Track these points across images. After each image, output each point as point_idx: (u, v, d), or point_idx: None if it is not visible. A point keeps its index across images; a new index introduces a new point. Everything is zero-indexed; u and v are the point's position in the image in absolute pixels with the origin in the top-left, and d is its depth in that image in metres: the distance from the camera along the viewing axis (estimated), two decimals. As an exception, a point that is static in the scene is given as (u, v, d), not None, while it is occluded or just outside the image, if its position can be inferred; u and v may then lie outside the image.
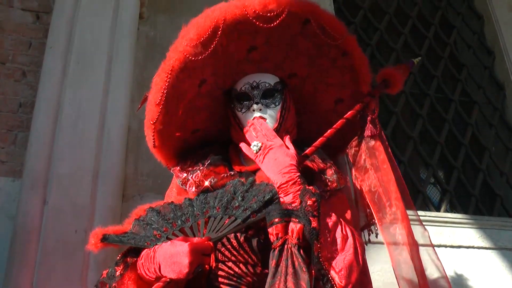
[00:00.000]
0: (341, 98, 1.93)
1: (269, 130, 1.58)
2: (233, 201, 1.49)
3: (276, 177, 1.43)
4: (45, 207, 2.49)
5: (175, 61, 1.62)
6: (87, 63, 2.86)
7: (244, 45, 1.72)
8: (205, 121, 1.89)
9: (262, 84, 1.78)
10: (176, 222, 1.51)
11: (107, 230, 1.59)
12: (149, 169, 2.89)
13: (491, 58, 4.46)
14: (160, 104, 1.67)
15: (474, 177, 3.84)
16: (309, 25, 1.70)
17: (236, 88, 1.82)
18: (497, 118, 4.19)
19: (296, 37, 1.74)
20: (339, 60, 1.82)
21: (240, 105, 1.79)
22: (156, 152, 1.89)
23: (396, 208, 1.68)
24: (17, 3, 3.19)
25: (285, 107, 1.80)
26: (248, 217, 1.42)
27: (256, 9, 1.60)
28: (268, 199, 1.44)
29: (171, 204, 1.61)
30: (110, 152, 2.72)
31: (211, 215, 1.48)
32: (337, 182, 1.68)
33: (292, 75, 1.86)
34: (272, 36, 1.70)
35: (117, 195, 2.69)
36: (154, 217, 1.56)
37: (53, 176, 2.55)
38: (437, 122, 3.99)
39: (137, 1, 3.14)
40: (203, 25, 1.60)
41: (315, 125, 1.91)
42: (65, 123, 2.68)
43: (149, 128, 1.78)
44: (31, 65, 3.06)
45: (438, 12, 4.51)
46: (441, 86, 4.13)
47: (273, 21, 1.62)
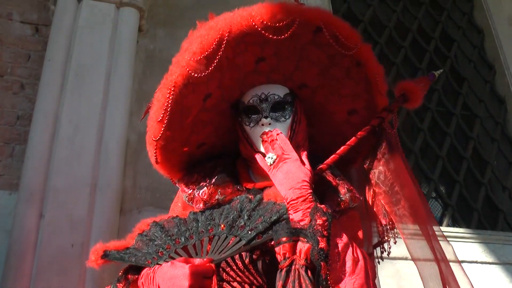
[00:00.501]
0: (355, 109, 1.79)
1: (287, 143, 1.48)
2: (239, 220, 1.43)
3: (287, 192, 1.35)
4: (41, 221, 2.46)
5: (178, 77, 1.53)
6: (85, 76, 2.84)
7: (251, 57, 1.61)
8: (211, 135, 1.78)
9: (271, 96, 1.67)
10: (180, 239, 1.46)
11: (108, 245, 1.52)
12: (147, 183, 2.86)
13: (492, 72, 4.46)
14: (163, 121, 1.57)
15: (476, 191, 3.80)
16: (321, 34, 1.57)
17: (243, 100, 1.70)
18: (499, 132, 4.18)
19: (307, 46, 1.63)
20: (352, 70, 1.69)
21: (248, 119, 1.67)
22: (159, 167, 1.78)
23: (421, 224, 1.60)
24: (16, 16, 3.18)
25: (296, 120, 1.70)
26: (253, 238, 1.36)
27: (264, 19, 1.49)
28: (274, 220, 1.37)
29: (176, 218, 1.55)
30: (108, 165, 2.70)
31: (215, 234, 1.42)
32: (349, 201, 1.57)
33: (303, 86, 1.74)
34: (281, 46, 1.59)
35: (115, 209, 2.66)
36: (158, 232, 1.50)
37: (49, 189, 2.52)
38: (438, 136, 3.97)
39: (136, 14, 3.13)
40: (207, 38, 1.50)
41: (327, 136, 1.84)
42: (63, 136, 2.66)
43: (151, 144, 1.68)
44: (29, 78, 3.05)
45: (438, 26, 4.51)
46: (442, 99, 4.12)
47: (283, 32, 1.51)
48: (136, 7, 3.11)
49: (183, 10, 3.43)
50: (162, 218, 1.57)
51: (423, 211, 1.64)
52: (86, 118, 2.74)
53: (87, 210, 2.52)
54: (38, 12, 3.24)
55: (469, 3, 4.79)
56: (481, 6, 4.71)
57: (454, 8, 4.73)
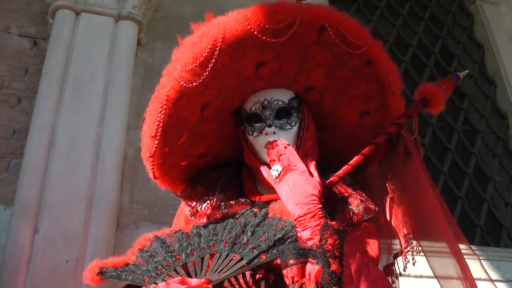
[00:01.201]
0: (367, 111, 1.65)
1: (294, 154, 1.35)
2: (242, 236, 1.34)
3: (294, 208, 1.24)
4: (36, 236, 2.41)
5: (170, 90, 1.41)
6: (83, 89, 2.81)
7: (250, 62, 1.48)
8: (212, 145, 1.66)
9: (275, 102, 1.54)
10: (180, 256, 1.39)
11: (106, 262, 1.43)
12: (145, 198, 2.82)
13: (493, 87, 4.44)
14: (156, 136, 1.46)
15: (478, 207, 3.76)
16: (326, 33, 1.44)
17: (245, 108, 1.58)
18: (501, 147, 4.14)
19: (311, 47, 1.49)
20: (362, 69, 1.55)
21: (251, 128, 1.55)
22: (158, 182, 1.67)
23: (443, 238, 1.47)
24: (14, 29, 3.16)
25: (303, 126, 1.56)
26: (255, 257, 1.27)
27: (261, 22, 1.36)
28: (278, 238, 1.28)
29: (178, 232, 1.47)
30: (105, 179, 2.65)
31: (217, 251, 1.34)
32: (363, 213, 1.45)
33: (310, 89, 1.60)
34: (283, 48, 1.46)
35: (111, 224, 2.61)
36: (158, 248, 1.43)
37: (44, 204, 2.48)
38: (440, 151, 3.92)
39: (135, 27, 3.11)
40: (199, 46, 1.38)
41: (339, 141, 1.72)
42: (59, 149, 2.62)
43: (147, 160, 1.56)
44: (27, 91, 3.02)
45: (439, 41, 4.49)
46: (443, 114, 4.08)
47: (283, 34, 1.38)
48: (134, 21, 3.09)
49: (183, 24, 3.39)
50: (165, 232, 1.50)
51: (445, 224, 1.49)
52: (83, 131, 2.70)
53: (83, 225, 2.48)
54: (36, 26, 3.22)
55: (469, 18, 4.79)
56: (481, 21, 4.71)
57: (454, 23, 4.73)
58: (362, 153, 1.46)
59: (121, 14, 3.05)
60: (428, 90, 1.56)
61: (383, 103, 1.61)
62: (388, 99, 1.59)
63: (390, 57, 2.25)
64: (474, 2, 4.80)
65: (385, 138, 1.51)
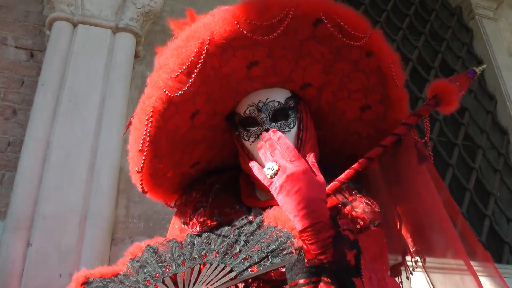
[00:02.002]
0: (368, 105, 1.53)
1: (290, 148, 1.20)
2: (235, 245, 1.26)
3: (297, 216, 1.10)
4: (29, 250, 2.35)
5: (157, 101, 1.30)
6: (79, 101, 2.77)
7: (242, 62, 1.36)
8: (205, 153, 1.55)
9: (271, 104, 1.42)
10: (171, 266, 1.32)
11: (94, 272, 1.32)
12: (140, 212, 2.77)
13: (493, 103, 4.41)
14: (143, 150, 1.35)
15: (480, 223, 3.71)
16: (322, 26, 1.32)
17: (238, 112, 1.46)
18: (501, 163, 4.10)
19: (307, 41, 1.37)
20: (362, 61, 1.43)
21: (247, 133, 1.44)
22: (149, 196, 1.57)
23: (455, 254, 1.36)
24: (11, 41, 3.13)
25: (302, 127, 1.45)
26: (245, 270, 1.18)
27: (251, 19, 1.25)
28: (272, 249, 1.16)
29: (172, 241, 1.39)
30: (100, 193, 2.60)
31: (207, 261, 1.26)
32: (369, 219, 1.35)
33: (306, 86, 1.49)
34: (276, 46, 1.35)
35: (106, 238, 2.55)
36: (150, 258, 1.38)
37: (38, 217, 2.42)
38: (440, 167, 3.88)
39: (133, 39, 3.08)
40: (185, 51, 1.27)
41: (340, 137, 1.61)
42: (54, 162, 2.57)
43: (135, 175, 1.45)
44: (22, 103, 2.98)
45: (438, 56, 4.48)
46: (443, 129, 4.05)
47: (276, 29, 1.27)
48: (132, 33, 3.06)
49: (181, 37, 3.37)
50: (158, 241, 1.44)
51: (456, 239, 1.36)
52: (78, 144, 2.66)
53: (77, 239, 2.42)
54: (33, 38, 3.20)
55: (468, 33, 4.78)
56: (480, 37, 4.70)
57: (453, 38, 4.73)
58: (367, 156, 1.34)
59: (118, 26, 3.02)
60: (441, 87, 1.44)
61: (384, 95, 1.50)
62: (390, 91, 1.48)
63: None
64: (473, 17, 4.80)
65: (393, 139, 1.39)
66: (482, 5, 4.85)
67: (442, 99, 1.43)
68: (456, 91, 1.44)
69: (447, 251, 1.38)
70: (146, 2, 3.10)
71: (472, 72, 1.52)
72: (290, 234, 1.14)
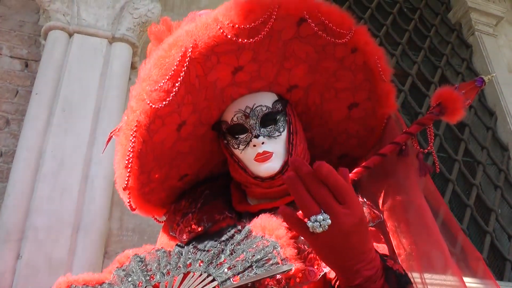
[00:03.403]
0: (356, 103, 1.51)
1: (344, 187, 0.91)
2: (220, 255, 1.22)
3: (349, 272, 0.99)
4: (18, 262, 2.29)
5: (141, 115, 1.25)
6: (73, 111, 2.72)
7: (227, 68, 1.33)
8: (193, 164, 1.52)
9: (258, 109, 1.39)
10: (155, 275, 1.27)
11: (77, 279, 1.28)
12: (134, 224, 2.71)
13: (493, 119, 4.38)
14: (128, 167, 1.30)
15: (480, 240, 3.65)
16: (306, 25, 1.29)
17: (225, 120, 1.43)
18: (502, 179, 4.06)
19: (291, 42, 1.35)
20: (348, 58, 1.40)
21: (236, 141, 1.40)
22: (138, 211, 1.52)
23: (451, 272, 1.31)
24: (6, 51, 3.10)
25: (292, 130, 1.42)
26: (228, 279, 1.14)
27: (235, 23, 1.22)
28: (257, 259, 1.13)
29: (160, 251, 1.35)
30: (93, 204, 2.54)
31: (191, 270, 1.22)
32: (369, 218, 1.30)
33: (293, 87, 1.47)
34: (260, 48, 1.32)
35: (99, 251, 2.48)
36: (135, 267, 1.33)
37: (29, 229, 2.36)
38: (440, 182, 3.83)
39: (129, 50, 3.04)
40: (167, 61, 1.23)
41: (329, 138, 1.58)
42: (46, 172, 2.51)
43: (122, 193, 1.40)
44: (15, 114, 2.94)
45: (438, 71, 4.45)
46: (443, 145, 4.01)
47: (260, 31, 1.24)
48: (129, 43, 3.02)
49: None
50: (146, 250, 1.38)
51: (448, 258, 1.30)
52: (72, 154, 2.60)
53: (68, 252, 2.35)
54: (28, 47, 3.16)
55: (468, 49, 4.76)
56: (480, 53, 4.67)
57: (453, 54, 4.71)
58: (363, 165, 1.26)
59: (115, 36, 2.99)
60: (445, 94, 1.35)
61: (371, 91, 1.47)
62: (377, 86, 1.45)
63: None
64: (473, 33, 4.78)
65: (392, 148, 1.32)
66: (482, 21, 4.84)
67: (447, 108, 1.34)
68: (462, 99, 1.34)
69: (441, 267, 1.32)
70: (143, 12, 3.07)
71: (480, 80, 1.41)
72: (277, 244, 1.12)
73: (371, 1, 4.62)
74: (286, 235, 1.11)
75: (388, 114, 1.52)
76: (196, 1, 3.56)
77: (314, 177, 0.90)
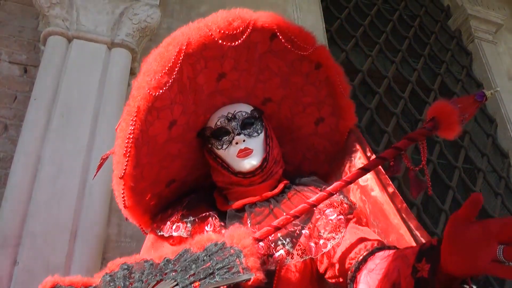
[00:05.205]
0: (322, 117, 1.73)
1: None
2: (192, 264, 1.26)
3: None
4: (15, 268, 2.26)
5: (141, 100, 1.39)
6: (72, 116, 2.69)
7: (212, 73, 1.54)
8: (180, 170, 1.67)
9: (239, 113, 1.60)
10: (134, 283, 1.30)
11: (63, 280, 1.32)
12: (133, 231, 2.68)
13: (493, 126, 4.37)
14: (127, 153, 1.42)
15: (481, 246, 3.62)
16: (277, 40, 1.51)
17: (210, 126, 1.63)
18: (502, 186, 4.05)
19: (265, 55, 1.57)
20: (312, 74, 1.63)
21: (219, 142, 1.59)
22: (129, 213, 1.63)
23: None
24: (4, 56, 3.08)
25: (268, 134, 1.63)
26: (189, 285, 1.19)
27: (221, 28, 1.42)
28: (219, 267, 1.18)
29: (148, 262, 1.37)
30: (91, 210, 2.52)
31: (163, 278, 1.26)
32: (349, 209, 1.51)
33: (267, 100, 1.69)
34: (240, 59, 1.53)
35: (96, 257, 2.46)
36: (120, 273, 1.35)
37: (26, 234, 2.33)
38: (441, 189, 3.82)
39: (128, 55, 3.03)
40: (166, 55, 1.41)
41: (299, 154, 1.77)
42: (44, 177, 2.49)
43: (118, 184, 1.52)
44: (14, 119, 2.92)
45: (438, 78, 4.45)
46: (443, 152, 4.00)
47: (238, 38, 1.44)
48: (128, 48, 3.01)
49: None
50: (136, 259, 1.40)
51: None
52: (70, 160, 2.57)
53: (66, 258, 2.32)
54: (27, 53, 3.14)
55: (467, 56, 4.76)
56: (480, 60, 4.68)
57: (453, 61, 4.71)
58: (345, 180, 1.33)
59: (114, 42, 2.97)
60: (439, 108, 1.32)
61: (335, 106, 1.69)
62: (339, 101, 1.67)
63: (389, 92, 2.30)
64: (472, 40, 4.79)
65: (378, 162, 1.35)
66: (482, 28, 4.84)
67: (441, 123, 1.31)
68: (457, 113, 1.30)
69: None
70: (142, 18, 3.06)
71: (480, 94, 1.33)
72: (241, 253, 1.18)
73: (371, 8, 4.62)
74: (252, 245, 1.18)
75: (349, 128, 1.74)
76: (195, 7, 3.56)
77: None
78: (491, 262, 0.90)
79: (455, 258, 0.98)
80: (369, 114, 3.84)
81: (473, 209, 1.00)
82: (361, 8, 4.58)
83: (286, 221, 1.30)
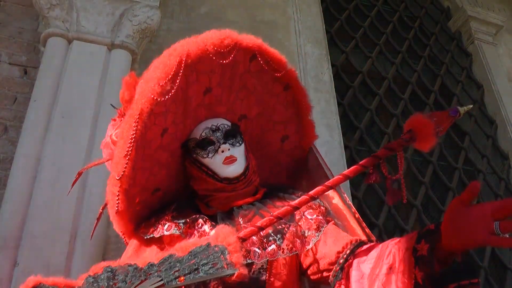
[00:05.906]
0: (287, 135, 1.89)
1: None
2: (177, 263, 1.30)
3: None
4: (15, 269, 2.26)
5: (144, 104, 1.47)
6: (72, 118, 2.69)
7: (201, 87, 1.65)
8: (165, 179, 1.75)
9: (222, 126, 1.72)
10: (118, 283, 1.31)
11: (47, 280, 1.32)
12: (133, 232, 2.68)
13: (493, 127, 4.37)
14: (127, 154, 1.49)
15: (482, 248, 3.62)
16: (256, 61, 1.68)
17: (194, 137, 1.73)
18: (502, 188, 4.04)
19: (244, 75, 1.71)
20: (282, 94, 1.80)
21: (204, 152, 1.69)
22: (117, 218, 1.69)
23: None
24: (4, 57, 3.08)
25: (247, 146, 1.78)
26: (174, 279, 1.22)
27: (215, 44, 1.56)
28: (204, 263, 1.23)
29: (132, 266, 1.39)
30: (91, 211, 2.51)
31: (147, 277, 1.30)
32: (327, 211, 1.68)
33: (242, 117, 1.83)
34: (224, 76, 1.67)
35: (96, 258, 2.46)
36: (104, 275, 1.36)
37: (26, 236, 2.33)
38: (441, 190, 3.82)
39: (128, 57, 3.02)
40: (169, 63, 1.50)
41: (267, 169, 1.90)
42: (44, 179, 2.49)
43: (114, 185, 1.57)
44: (14, 120, 2.91)
45: (438, 80, 4.45)
46: (443, 153, 4.00)
47: (226, 57, 1.59)
48: (128, 50, 3.00)
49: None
50: (120, 263, 1.41)
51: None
52: (70, 161, 2.57)
53: (66, 259, 2.33)
54: (27, 54, 3.14)
55: (468, 58, 4.76)
56: (480, 61, 4.68)
57: (453, 62, 4.70)
58: (327, 184, 1.44)
59: (114, 43, 2.97)
60: (416, 121, 1.43)
61: (298, 125, 1.87)
62: (303, 120, 1.86)
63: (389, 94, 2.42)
64: (473, 42, 4.78)
65: (357, 170, 1.43)
66: (482, 30, 4.84)
67: (417, 134, 1.41)
68: (432, 126, 1.40)
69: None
70: (142, 19, 3.06)
71: (454, 110, 1.47)
72: (225, 249, 1.24)
73: (371, 10, 4.62)
74: (236, 242, 1.26)
75: (310, 145, 1.92)
76: (195, 8, 3.55)
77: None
78: (489, 235, 1.07)
79: (457, 233, 1.14)
80: (369, 115, 3.85)
81: (471, 194, 1.17)
82: (361, 10, 4.58)
83: (269, 222, 1.39)
